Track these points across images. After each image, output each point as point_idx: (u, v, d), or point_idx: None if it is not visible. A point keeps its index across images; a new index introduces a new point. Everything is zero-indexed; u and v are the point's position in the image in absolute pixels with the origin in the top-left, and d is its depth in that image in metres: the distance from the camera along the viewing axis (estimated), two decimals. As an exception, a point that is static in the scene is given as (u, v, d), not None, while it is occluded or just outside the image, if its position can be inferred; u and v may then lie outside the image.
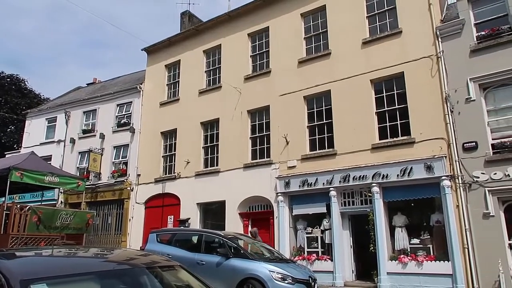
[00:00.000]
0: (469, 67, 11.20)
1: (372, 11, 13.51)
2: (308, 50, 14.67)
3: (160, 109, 18.53)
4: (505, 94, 10.82)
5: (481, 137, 10.67)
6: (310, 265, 12.44)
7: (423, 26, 12.18)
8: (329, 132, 13.36)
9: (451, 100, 11.24)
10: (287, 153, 13.92)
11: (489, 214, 10.14)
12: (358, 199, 12.47)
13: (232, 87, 15.84)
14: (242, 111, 15.53)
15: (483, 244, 10.09)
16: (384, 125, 12.38)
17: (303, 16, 15.01)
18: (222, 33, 17.20)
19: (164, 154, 17.93)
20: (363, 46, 13.22)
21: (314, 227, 13.24)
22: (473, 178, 10.53)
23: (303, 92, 14.13)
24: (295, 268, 9.08)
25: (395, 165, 11.53)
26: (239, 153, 15.10)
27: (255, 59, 16.14)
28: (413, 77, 12.00)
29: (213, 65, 17.49)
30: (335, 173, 12.55)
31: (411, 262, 10.97)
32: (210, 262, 9.15)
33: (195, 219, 15.80)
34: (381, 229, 11.54)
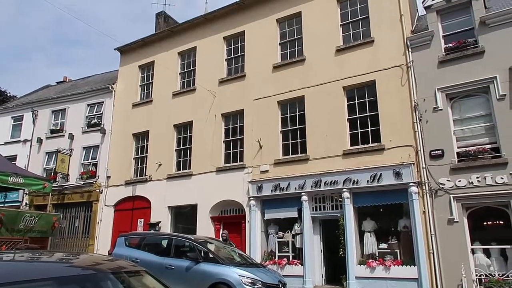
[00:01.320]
0: (437, 77, 11.58)
1: (346, 19, 13.78)
2: (283, 56, 14.80)
3: (132, 110, 18.21)
4: (470, 104, 11.25)
5: (447, 145, 11.04)
6: (280, 269, 12.47)
7: (394, 36, 12.52)
8: (302, 137, 13.49)
9: (420, 109, 11.58)
10: (260, 157, 13.96)
11: (454, 220, 10.49)
12: (329, 204, 12.62)
13: (207, 90, 15.76)
14: (216, 114, 15.47)
15: (447, 249, 10.41)
16: (355, 131, 12.61)
17: (278, 22, 15.13)
18: (198, 36, 17.11)
19: (135, 156, 17.61)
20: (337, 54, 13.45)
21: (285, 232, 13.30)
22: (439, 185, 10.87)
23: (277, 97, 14.22)
24: (265, 273, 9.09)
25: (365, 171, 11.76)
26: (212, 157, 15.02)
27: (230, 63, 16.14)
28: (384, 85, 12.30)
29: (187, 67, 17.35)
30: (307, 178, 12.67)
31: (379, 267, 11.19)
32: (180, 266, 9.03)
33: (166, 222, 15.57)
34: (350, 234, 11.72)
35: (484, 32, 11.27)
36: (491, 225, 10.71)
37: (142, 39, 18.77)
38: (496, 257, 10.13)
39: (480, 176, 10.37)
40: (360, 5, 13.59)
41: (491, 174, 10.26)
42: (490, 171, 10.30)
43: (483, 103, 11.06)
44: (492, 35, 11.12)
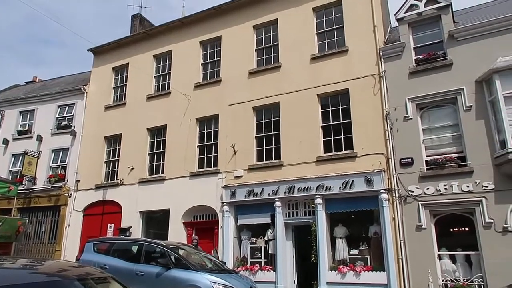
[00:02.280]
0: (407, 88, 11.92)
1: (321, 28, 14.02)
2: (259, 62, 14.88)
3: (104, 113, 17.84)
4: (439, 114, 11.63)
5: (416, 153, 11.35)
6: (253, 275, 12.44)
7: (367, 46, 12.81)
8: (276, 143, 13.56)
9: (391, 118, 11.88)
10: (234, 162, 13.93)
11: (422, 227, 10.77)
12: (302, 210, 12.72)
13: (182, 94, 15.63)
14: (191, 118, 15.36)
15: (415, 255, 10.67)
16: (329, 138, 12.79)
17: (255, 28, 15.23)
18: (174, 39, 16.99)
19: (106, 159, 17.23)
20: (312, 62, 13.64)
21: (258, 238, 13.30)
22: (408, 192, 11.16)
23: (253, 102, 14.27)
24: (237, 279, 9.04)
25: (337, 177, 11.93)
26: (186, 161, 14.88)
27: (206, 67, 16.09)
28: (357, 94, 12.55)
29: (163, 71, 17.18)
30: (281, 184, 12.74)
31: (349, 272, 11.34)
32: (150, 273, 8.85)
33: (137, 228, 15.27)
34: (322, 240, 11.84)
35: (453, 45, 11.70)
36: (457, 231, 11.07)
37: (116, 40, 18.48)
38: (461, 263, 10.46)
39: (447, 184, 10.71)
40: (335, 15, 13.86)
41: (458, 182, 10.61)
42: (456, 179, 10.65)
43: (451, 113, 11.46)
44: (460, 49, 11.56)
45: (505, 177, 10.12)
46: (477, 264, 10.19)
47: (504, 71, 10.48)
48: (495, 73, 10.57)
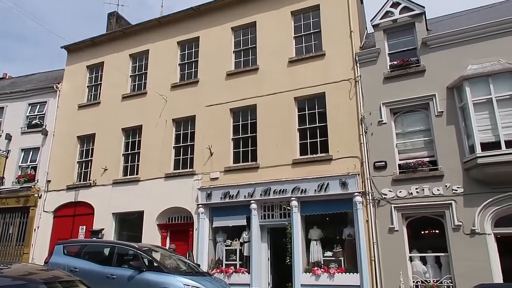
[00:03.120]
0: (382, 93, 12.16)
1: (299, 32, 14.14)
2: (237, 64, 14.87)
3: (78, 112, 17.42)
4: (412, 119, 11.91)
5: (390, 157, 11.58)
6: (227, 278, 12.39)
7: (344, 51, 13.00)
8: (253, 145, 13.57)
9: (366, 122, 12.08)
10: (210, 164, 13.85)
11: (394, 229, 10.99)
12: (277, 212, 12.76)
13: (158, 94, 15.44)
14: (167, 119, 15.18)
15: (387, 256, 10.87)
16: (305, 141, 12.89)
17: (233, 30, 15.21)
18: (151, 39, 16.78)
19: (79, 159, 16.82)
20: (289, 65, 13.73)
21: (233, 240, 13.25)
22: (381, 195, 11.36)
23: (230, 104, 14.23)
24: (211, 282, 8.97)
25: (313, 180, 12.03)
26: (161, 162, 14.68)
27: (183, 68, 15.95)
28: (333, 98, 12.71)
29: (139, 70, 16.93)
30: (257, 186, 12.74)
31: (323, 274, 11.44)
32: (122, 275, 8.68)
33: (110, 230, 14.95)
34: (297, 242, 11.90)
35: (426, 53, 12.02)
36: (428, 234, 11.34)
37: (91, 38, 18.09)
38: (431, 264, 10.71)
39: (419, 188, 10.97)
40: (313, 19, 14.02)
41: (429, 185, 10.89)
42: (427, 183, 10.92)
43: (423, 118, 11.76)
44: (432, 56, 11.89)
45: (473, 181, 10.45)
46: (446, 265, 10.47)
47: (473, 79, 10.84)
48: (465, 80, 10.91)
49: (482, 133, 10.45)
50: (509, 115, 10.36)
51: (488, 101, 10.58)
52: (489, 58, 11.04)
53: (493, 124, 10.39)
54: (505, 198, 10.07)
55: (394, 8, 12.74)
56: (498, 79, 10.60)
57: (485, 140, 10.36)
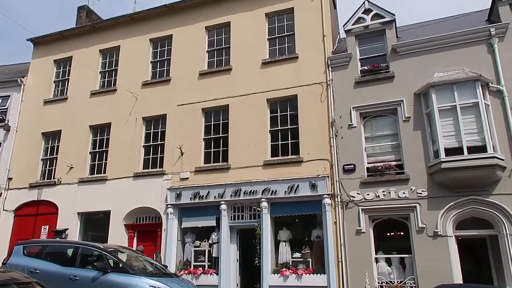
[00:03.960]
0: (353, 97, 12.38)
1: (273, 34, 14.20)
2: (210, 63, 14.76)
3: (43, 107, 16.80)
4: (380, 123, 12.19)
5: (358, 160, 11.80)
6: (195, 279, 12.25)
7: (316, 55, 13.15)
8: (224, 146, 13.49)
9: (336, 125, 12.26)
10: (181, 164, 13.67)
11: (361, 231, 11.19)
12: (247, 213, 12.73)
13: (129, 91, 15.11)
14: (137, 117, 14.87)
15: (354, 258, 11.06)
16: (276, 143, 12.94)
17: (207, 29, 15.10)
18: (122, 35, 16.41)
19: (43, 157, 16.22)
20: (263, 66, 13.76)
21: (202, 241, 13.12)
22: (349, 198, 11.55)
23: (202, 104, 14.11)
24: (178, 283, 8.83)
25: (283, 182, 12.09)
26: (130, 161, 14.36)
27: (155, 66, 15.68)
28: (305, 100, 12.82)
29: (109, 67, 16.51)
30: (227, 187, 12.68)
31: (291, 275, 11.50)
32: (85, 277, 8.40)
33: (75, 230, 14.48)
34: (266, 243, 11.92)
35: (395, 59, 12.33)
36: (393, 235, 11.63)
37: (60, 32, 17.51)
38: (396, 265, 10.98)
39: (386, 190, 11.23)
40: (287, 22, 14.11)
41: (395, 188, 11.17)
42: (394, 186, 11.20)
43: (391, 123, 12.05)
44: (401, 62, 12.21)
45: (437, 185, 10.80)
46: (410, 266, 10.76)
47: (439, 86, 11.21)
48: (431, 87, 11.27)
49: (446, 138, 10.81)
50: (471, 122, 10.76)
51: (453, 108, 10.96)
52: (454, 66, 11.45)
53: (456, 130, 10.77)
54: (466, 201, 10.46)
55: (366, 14, 13.00)
56: (462, 87, 11.00)
57: (449, 146, 10.73)
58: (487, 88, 10.99)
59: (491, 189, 10.34)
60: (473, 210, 10.43)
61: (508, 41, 11.25)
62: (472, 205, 10.41)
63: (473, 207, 10.41)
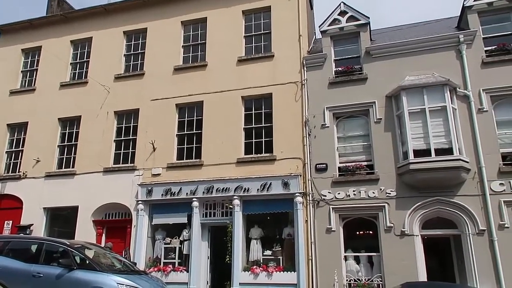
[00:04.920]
0: (326, 97, 12.53)
1: (250, 32, 14.18)
2: (185, 59, 14.59)
3: (9, 98, 16.15)
4: (352, 124, 12.39)
5: (331, 160, 11.96)
6: (165, 276, 12.11)
7: (292, 54, 13.22)
8: (197, 142, 13.38)
9: (310, 125, 12.38)
10: (153, 160, 13.46)
11: (331, 229, 11.36)
12: (219, 210, 12.69)
13: (100, 84, 14.74)
14: (109, 111, 14.53)
15: (324, 256, 11.21)
16: (250, 141, 12.94)
17: (183, 24, 14.91)
18: (95, 26, 15.97)
19: (8, 149, 15.62)
20: (238, 64, 13.71)
21: (173, 238, 12.97)
22: (321, 196, 11.70)
23: (176, 99, 13.93)
24: (147, 281, 8.69)
25: (256, 180, 12.11)
26: (100, 156, 14.02)
27: (128, 59, 15.36)
28: (280, 99, 12.88)
29: (80, 58, 16.05)
30: (200, 184, 12.58)
31: (262, 273, 11.55)
32: (49, 274, 8.13)
33: (40, 225, 14.01)
34: (238, 240, 11.92)
35: (368, 61, 12.55)
36: (362, 234, 11.85)
37: (29, 20, 16.86)
38: (364, 263, 11.22)
39: (356, 190, 11.44)
40: (263, 20, 14.12)
41: (365, 188, 11.39)
42: (364, 186, 11.42)
43: (363, 124, 12.27)
44: (374, 65, 12.44)
45: (405, 186, 11.09)
46: (378, 264, 11.01)
47: (410, 89, 11.50)
48: (402, 90, 11.55)
49: (415, 140, 11.11)
50: (439, 125, 11.10)
51: (422, 111, 11.27)
52: (424, 70, 11.78)
53: (425, 132, 11.08)
54: (432, 202, 10.79)
55: (342, 16, 13.17)
56: (431, 91, 11.33)
57: (418, 148, 11.03)
58: (455, 93, 11.36)
59: (456, 190, 10.72)
60: (439, 210, 10.78)
61: (475, 48, 11.66)
62: (438, 205, 10.76)
63: (438, 208, 10.76)
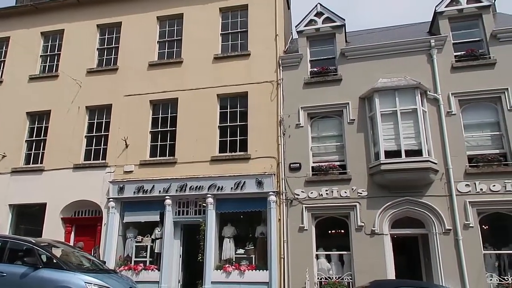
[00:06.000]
0: (301, 97, 12.62)
1: (226, 29, 14.12)
2: (161, 55, 14.39)
3: (-26, 90, 15.50)
4: (326, 124, 12.54)
5: (304, 159, 12.07)
6: (136, 275, 11.93)
7: (268, 53, 13.25)
8: (171, 140, 13.23)
9: (284, 124, 12.45)
10: (125, 156, 13.21)
11: (304, 228, 11.47)
12: (192, 209, 12.60)
13: (72, 78, 14.35)
14: (80, 106, 14.16)
15: (296, 254, 11.31)
16: (225, 139, 12.90)
17: (159, 19, 14.69)
18: (68, 18, 15.52)
19: (-28, 143, 14.97)
20: (214, 61, 13.63)
21: (145, 236, 12.79)
22: (294, 196, 11.79)
23: (150, 96, 13.73)
24: (117, 279, 8.53)
25: (230, 178, 12.08)
26: (71, 152, 13.65)
27: (102, 53, 15.01)
28: (255, 98, 12.88)
29: (51, 51, 15.56)
30: (173, 181, 12.45)
31: (234, 271, 11.54)
32: (13, 273, 7.86)
33: (5, 223, 13.54)
34: (210, 239, 11.86)
35: (343, 63, 12.72)
36: (334, 233, 12.01)
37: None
38: (335, 262, 11.39)
39: (329, 190, 11.59)
40: (240, 18, 14.09)
41: (337, 188, 11.55)
42: (337, 185, 11.58)
43: (337, 125, 12.43)
44: (349, 66, 12.62)
45: (376, 186, 11.32)
46: (348, 263, 11.20)
47: (383, 91, 11.73)
48: (375, 92, 11.77)
49: (387, 142, 11.35)
50: (410, 127, 11.38)
51: (394, 113, 11.52)
52: (397, 73, 12.04)
53: (396, 134, 11.33)
54: (402, 202, 11.06)
55: (318, 17, 13.29)
56: (403, 94, 11.59)
57: (389, 149, 11.27)
58: (425, 96, 11.67)
59: (424, 190, 11.02)
60: (408, 210, 11.06)
61: (445, 53, 12.01)
62: (407, 205, 11.03)
63: (407, 207, 11.04)
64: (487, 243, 10.58)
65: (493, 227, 10.82)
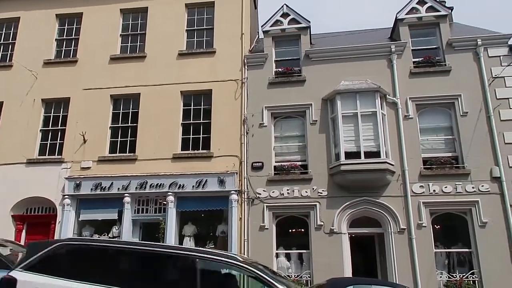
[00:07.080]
0: (266, 97, 12.67)
1: (192, 26, 13.95)
2: (123, 48, 14.02)
3: None
4: (289, 125, 12.66)
5: (267, 159, 12.13)
6: (91, 275, 11.51)
7: (234, 52, 13.21)
8: (132, 136, 12.91)
9: (248, 123, 12.45)
10: (82, 152, 12.76)
11: (264, 227, 11.53)
12: (152, 207, 12.36)
13: (27, 69, 13.69)
14: (36, 98, 13.54)
15: (256, 253, 11.30)
16: (187, 137, 12.74)
17: (122, 12, 14.31)
18: (24, 5, 14.80)
19: None
20: (179, 58, 13.43)
21: (102, 234, 12.41)
22: (256, 194, 11.82)
23: (111, 90, 13.34)
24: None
25: (192, 176, 11.95)
26: (24, 146, 13.03)
27: (60, 44, 14.41)
28: (219, 96, 12.81)
29: (5, 39, 14.77)
30: (133, 179, 12.16)
31: (194, 270, 11.39)
32: (-46, 273, 7.38)
33: (-51, 220, 12.71)
34: (170, 237, 11.68)
35: (307, 64, 12.90)
36: (294, 232, 12.15)
37: None
38: (294, 260, 11.53)
39: (290, 189, 11.70)
40: (207, 15, 13.97)
41: (299, 187, 11.69)
42: (298, 185, 11.72)
43: (300, 125, 12.58)
44: (313, 68, 12.81)
45: (336, 186, 11.55)
46: (307, 261, 11.36)
47: (344, 93, 11.99)
48: (337, 94, 12.00)
49: (347, 143, 11.60)
50: (369, 129, 11.69)
51: (354, 115, 11.80)
52: (358, 76, 12.33)
53: (356, 136, 11.61)
54: (360, 202, 11.34)
55: (284, 18, 13.41)
56: (363, 96, 11.89)
57: (349, 150, 11.53)
58: (385, 99, 12.03)
59: (381, 191, 11.36)
60: (365, 210, 11.36)
61: (405, 59, 12.44)
62: (365, 205, 11.33)
63: (365, 207, 11.33)
64: (438, 242, 11.05)
65: (444, 227, 11.31)
